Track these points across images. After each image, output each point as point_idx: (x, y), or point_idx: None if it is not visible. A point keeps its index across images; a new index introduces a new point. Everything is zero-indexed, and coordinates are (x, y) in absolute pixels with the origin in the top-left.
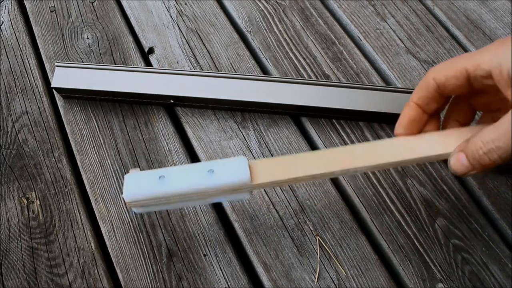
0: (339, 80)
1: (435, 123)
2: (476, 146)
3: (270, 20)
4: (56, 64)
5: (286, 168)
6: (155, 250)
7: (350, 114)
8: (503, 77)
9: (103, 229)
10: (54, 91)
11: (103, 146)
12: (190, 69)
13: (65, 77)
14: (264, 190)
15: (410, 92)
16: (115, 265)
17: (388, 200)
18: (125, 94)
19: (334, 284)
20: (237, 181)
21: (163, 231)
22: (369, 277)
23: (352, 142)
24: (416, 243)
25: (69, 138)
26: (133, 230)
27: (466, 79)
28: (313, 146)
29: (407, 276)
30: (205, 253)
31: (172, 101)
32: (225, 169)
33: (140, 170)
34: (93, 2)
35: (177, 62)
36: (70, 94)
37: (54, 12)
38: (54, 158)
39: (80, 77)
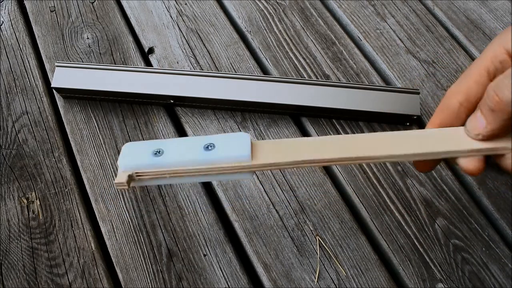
0: (339, 80)
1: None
2: (489, 95)
3: (270, 20)
4: (56, 64)
5: (291, 151)
6: (155, 250)
7: (350, 114)
8: None
9: (103, 229)
10: (54, 91)
11: (103, 146)
12: (190, 69)
13: (65, 77)
14: (264, 190)
15: (410, 92)
16: (115, 265)
17: (388, 200)
18: (125, 94)
19: (334, 284)
20: (236, 160)
21: (163, 231)
22: (369, 277)
23: None
24: (416, 243)
25: (69, 138)
26: (133, 230)
27: (488, 78)
28: None
29: (407, 276)
30: (205, 253)
31: (172, 101)
32: (224, 145)
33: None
34: (93, 2)
35: (177, 62)
36: (70, 94)
37: (54, 12)
38: (54, 158)
39: (80, 77)
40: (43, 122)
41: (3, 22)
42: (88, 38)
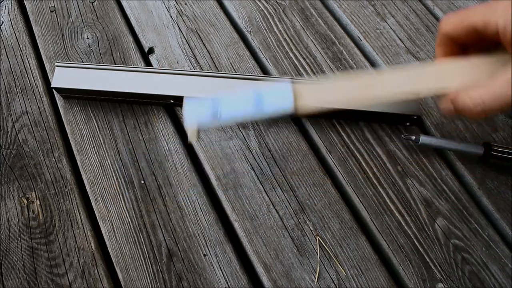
0: None
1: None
2: (465, 102)
3: (270, 20)
4: (56, 64)
5: (326, 95)
6: (155, 250)
7: (350, 115)
8: (507, 38)
9: (103, 229)
10: (54, 91)
11: (103, 146)
12: (190, 69)
13: (65, 77)
14: (264, 190)
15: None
16: (115, 265)
17: (388, 200)
18: (125, 94)
19: (334, 284)
20: (281, 111)
21: (163, 231)
22: (369, 277)
23: (352, 142)
24: (416, 243)
25: (69, 138)
26: (133, 230)
27: (476, 34)
28: (313, 146)
29: (407, 276)
30: (205, 253)
31: (172, 101)
32: (270, 98)
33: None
34: (93, 2)
35: (177, 62)
36: (70, 94)
37: (54, 12)
38: (54, 158)
39: (80, 77)
40: (43, 122)
41: (3, 22)
42: (88, 38)
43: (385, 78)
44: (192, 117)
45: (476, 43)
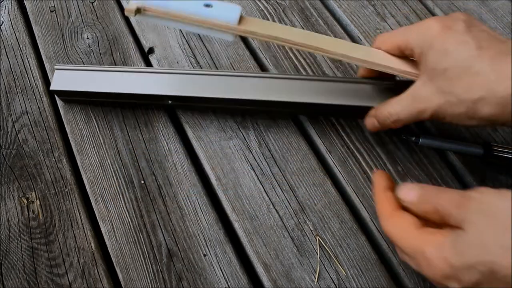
0: None
1: None
2: (384, 115)
3: (270, 20)
4: (56, 67)
5: (270, 29)
6: (155, 250)
7: (350, 111)
8: (417, 56)
9: (103, 229)
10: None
11: (103, 146)
12: (190, 69)
13: (63, 80)
14: (264, 190)
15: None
16: (115, 265)
17: None
18: (123, 95)
19: (334, 284)
20: (226, 21)
21: (163, 231)
22: (369, 277)
23: (352, 142)
24: None
25: (69, 138)
26: (133, 230)
27: (399, 52)
28: (313, 146)
29: (407, 276)
30: (205, 253)
31: (170, 102)
32: (220, 8)
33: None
34: (93, 2)
35: (177, 62)
36: (70, 98)
37: (54, 12)
38: (54, 158)
39: (78, 79)
40: (43, 122)
41: (3, 22)
42: (88, 38)
43: (336, 41)
44: None
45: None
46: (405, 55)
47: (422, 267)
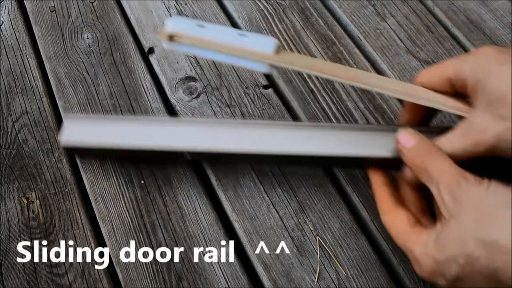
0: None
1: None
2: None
3: (270, 20)
4: (64, 116)
5: (306, 62)
6: (155, 250)
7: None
8: (471, 87)
9: (103, 229)
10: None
11: None
12: (190, 69)
13: (76, 131)
14: (264, 190)
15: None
16: (115, 265)
17: None
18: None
19: (334, 284)
20: (262, 50)
21: (163, 231)
22: (369, 277)
23: None
24: None
25: None
26: (133, 230)
27: (450, 86)
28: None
29: (407, 276)
30: (205, 253)
31: (189, 158)
32: (255, 38)
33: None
34: (93, 2)
35: (177, 62)
36: (84, 154)
37: (54, 12)
38: (54, 158)
39: (92, 131)
40: (43, 122)
41: (3, 22)
42: (88, 38)
43: (380, 77)
44: (175, 21)
45: (451, 91)
46: (452, 90)
47: (414, 266)
